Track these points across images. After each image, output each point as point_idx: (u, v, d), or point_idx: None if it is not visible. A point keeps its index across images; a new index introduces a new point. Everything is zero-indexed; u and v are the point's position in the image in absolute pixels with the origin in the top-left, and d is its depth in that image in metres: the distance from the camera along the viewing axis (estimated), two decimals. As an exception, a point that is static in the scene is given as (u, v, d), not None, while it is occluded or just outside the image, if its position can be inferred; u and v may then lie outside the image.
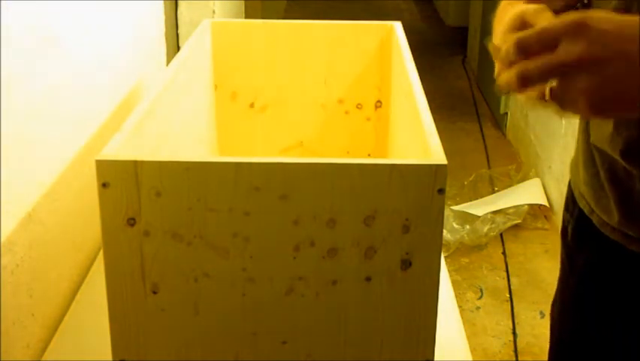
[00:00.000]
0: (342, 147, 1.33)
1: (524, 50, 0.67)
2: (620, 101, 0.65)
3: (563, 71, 0.65)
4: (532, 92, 0.70)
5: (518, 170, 3.13)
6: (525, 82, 0.67)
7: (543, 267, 2.56)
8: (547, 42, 0.66)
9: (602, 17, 0.65)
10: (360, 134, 1.32)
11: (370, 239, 0.70)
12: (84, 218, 1.13)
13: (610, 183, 0.91)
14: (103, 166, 0.68)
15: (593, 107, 0.65)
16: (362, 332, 0.74)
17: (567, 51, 0.64)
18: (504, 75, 0.68)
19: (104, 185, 0.68)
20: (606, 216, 0.93)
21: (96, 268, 1.15)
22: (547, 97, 0.68)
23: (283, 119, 1.31)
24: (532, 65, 0.66)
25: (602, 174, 0.92)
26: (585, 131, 0.95)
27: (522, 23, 0.73)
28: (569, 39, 0.64)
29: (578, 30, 0.64)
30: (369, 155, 1.33)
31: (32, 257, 0.96)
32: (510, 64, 0.68)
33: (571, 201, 1.03)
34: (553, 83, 0.67)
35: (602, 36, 0.64)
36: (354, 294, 0.72)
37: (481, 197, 2.95)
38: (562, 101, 0.67)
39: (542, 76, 0.66)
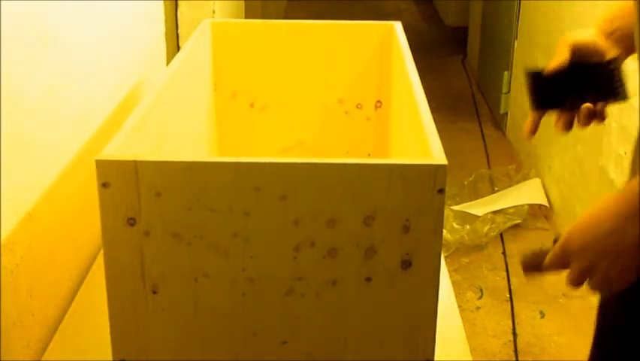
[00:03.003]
0: (342, 147, 1.33)
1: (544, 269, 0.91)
2: (620, 280, 0.86)
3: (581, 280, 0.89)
4: None
5: (518, 170, 3.12)
6: (573, 287, 0.91)
7: (543, 267, 2.55)
8: (560, 266, 0.90)
9: (580, 230, 0.86)
10: (360, 134, 1.32)
11: (370, 239, 0.70)
12: (84, 218, 1.13)
13: None
14: (103, 166, 0.68)
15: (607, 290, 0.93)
16: (362, 332, 0.74)
17: (571, 274, 0.88)
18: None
19: (104, 185, 0.69)
20: None
21: (96, 268, 1.14)
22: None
23: (283, 119, 1.31)
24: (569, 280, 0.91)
25: None
26: None
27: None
28: (570, 263, 0.87)
29: (566, 256, 0.87)
30: (369, 155, 1.33)
31: (32, 257, 0.96)
32: None
33: None
34: None
35: (584, 251, 0.86)
36: (354, 294, 0.72)
37: (481, 197, 2.94)
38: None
39: (576, 285, 0.90)
